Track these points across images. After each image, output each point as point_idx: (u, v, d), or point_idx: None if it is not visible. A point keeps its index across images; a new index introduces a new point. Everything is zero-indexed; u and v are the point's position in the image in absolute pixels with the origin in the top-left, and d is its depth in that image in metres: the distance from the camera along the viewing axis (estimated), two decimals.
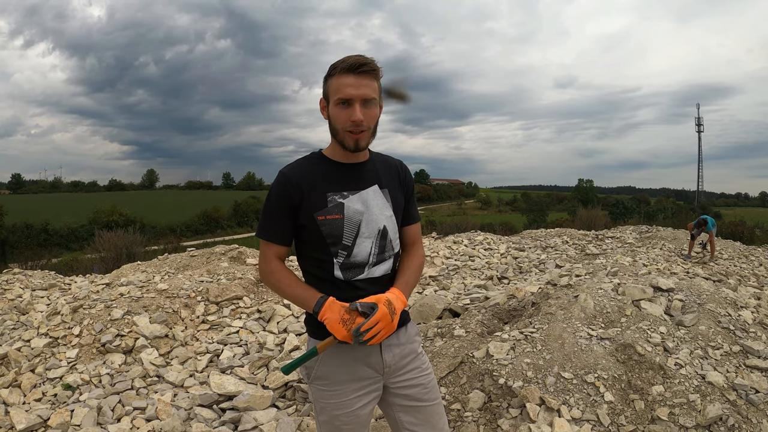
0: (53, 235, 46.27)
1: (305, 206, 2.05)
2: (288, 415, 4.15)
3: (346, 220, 2.06)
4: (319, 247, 2.08)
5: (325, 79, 2.04)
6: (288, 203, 2.05)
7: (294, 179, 2.06)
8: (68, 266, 21.21)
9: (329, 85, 2.01)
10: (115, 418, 4.24)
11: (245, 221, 61.44)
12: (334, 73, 1.99)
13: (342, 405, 2.11)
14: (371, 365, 2.12)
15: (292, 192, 2.04)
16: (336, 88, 1.98)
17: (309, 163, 2.13)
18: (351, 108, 1.97)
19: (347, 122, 1.98)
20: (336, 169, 2.11)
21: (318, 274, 2.11)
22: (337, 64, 1.99)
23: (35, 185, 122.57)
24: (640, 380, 3.80)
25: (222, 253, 9.23)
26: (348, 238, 2.07)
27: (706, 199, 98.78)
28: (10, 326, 6.27)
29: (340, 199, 2.07)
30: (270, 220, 2.11)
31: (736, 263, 10.51)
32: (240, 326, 6.01)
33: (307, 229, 2.08)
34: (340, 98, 1.97)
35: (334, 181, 2.09)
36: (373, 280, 2.11)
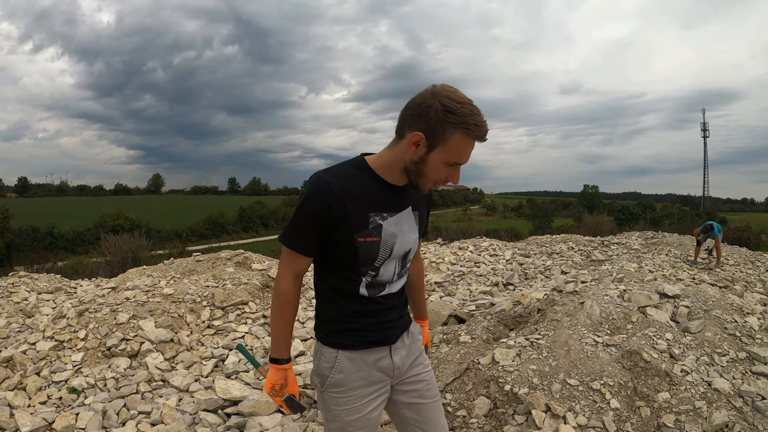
0: (59, 238, 46.48)
1: (346, 224, 1.94)
2: (293, 421, 4.14)
3: (382, 243, 2.01)
4: (350, 266, 2.03)
5: (442, 123, 1.78)
6: (325, 215, 1.91)
7: (338, 191, 1.90)
8: (74, 270, 21.28)
9: (449, 138, 1.80)
10: (120, 422, 4.24)
11: (250, 226, 61.59)
12: (461, 129, 1.79)
13: (354, 410, 2.13)
14: (383, 369, 2.15)
15: (334, 205, 1.90)
16: (458, 149, 1.82)
17: (354, 175, 1.97)
18: (455, 169, 1.89)
19: (443, 180, 1.91)
20: (382, 188, 1.98)
21: (342, 289, 2.08)
22: (468, 121, 1.78)
23: (41, 189, 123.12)
24: (646, 387, 3.79)
25: (228, 258, 9.24)
26: (380, 260, 2.04)
27: (711, 205, 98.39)
28: (15, 329, 6.28)
29: (380, 220, 1.99)
30: (300, 229, 1.97)
31: (742, 269, 10.45)
32: (245, 331, 6.01)
33: (341, 247, 1.99)
34: (456, 162, 1.86)
35: (378, 201, 1.98)
36: (392, 295, 2.14)
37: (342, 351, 2.10)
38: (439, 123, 1.77)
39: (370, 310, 2.08)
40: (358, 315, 2.09)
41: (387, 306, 2.12)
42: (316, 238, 1.97)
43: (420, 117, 1.80)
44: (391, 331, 2.16)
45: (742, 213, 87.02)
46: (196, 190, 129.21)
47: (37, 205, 76.47)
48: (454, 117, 1.76)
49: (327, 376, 2.11)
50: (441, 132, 1.78)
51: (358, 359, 2.10)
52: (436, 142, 1.80)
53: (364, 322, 2.09)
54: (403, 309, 2.24)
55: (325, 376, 2.12)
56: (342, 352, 2.10)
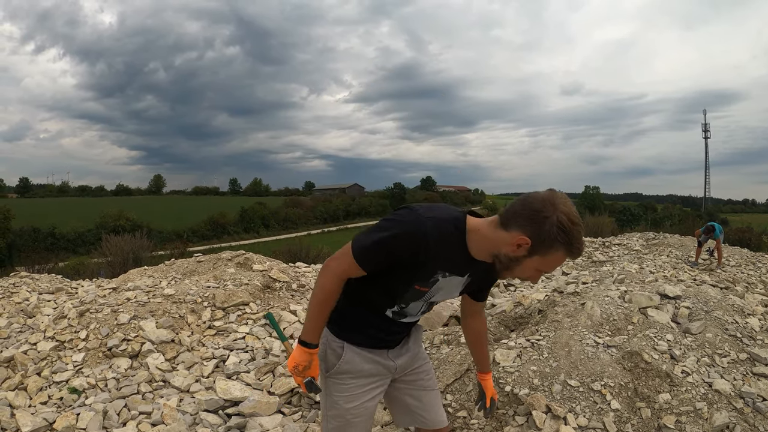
0: (60, 239, 46.51)
1: (414, 272, 2.06)
2: (294, 422, 4.15)
3: (427, 293, 2.18)
4: (390, 297, 2.20)
5: (554, 238, 1.85)
6: (404, 258, 2.00)
7: (431, 249, 1.98)
8: (75, 270, 21.26)
9: (551, 251, 1.89)
10: (120, 422, 4.25)
11: (252, 227, 61.59)
12: (564, 249, 1.88)
13: (353, 398, 2.31)
14: (386, 366, 2.37)
15: (419, 257, 2.00)
16: (554, 262, 1.92)
17: (450, 239, 2.02)
18: (539, 273, 2.00)
19: (524, 279, 2.03)
20: (463, 258, 2.07)
21: (371, 306, 2.25)
22: (575, 244, 1.88)
23: (43, 189, 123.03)
24: (647, 388, 3.79)
25: (229, 259, 9.23)
26: (417, 304, 2.26)
27: (713, 206, 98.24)
28: (16, 329, 6.28)
29: (441, 277, 2.11)
30: (377, 252, 2.02)
31: (743, 270, 10.45)
32: (246, 332, 6.01)
33: (396, 282, 2.13)
34: (546, 272, 2.00)
35: (451, 265, 2.08)
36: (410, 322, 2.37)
37: (348, 344, 2.29)
38: (549, 237, 1.85)
39: (386, 327, 2.30)
40: (374, 327, 2.29)
41: (402, 327, 2.35)
42: (383, 264, 2.05)
43: (534, 223, 1.86)
44: (394, 342, 2.39)
45: (744, 214, 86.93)
46: (197, 191, 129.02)
47: (39, 205, 76.45)
48: (565, 237, 1.84)
49: (334, 364, 2.28)
50: (548, 245, 1.87)
51: (362, 354, 2.30)
52: (538, 250, 1.89)
53: (377, 334, 2.30)
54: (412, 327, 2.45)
55: (333, 363, 2.29)
56: (348, 345, 2.29)
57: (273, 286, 7.38)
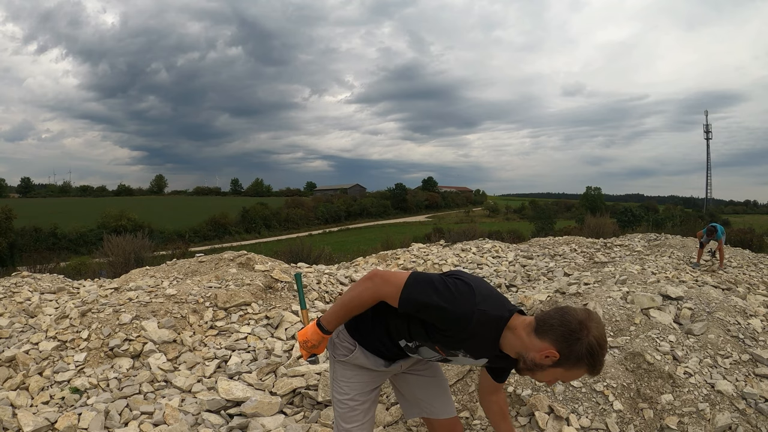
0: (62, 239, 46.49)
1: (439, 341, 2.18)
2: (296, 422, 4.14)
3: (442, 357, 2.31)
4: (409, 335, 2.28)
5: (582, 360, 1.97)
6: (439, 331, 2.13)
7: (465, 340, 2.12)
8: (76, 270, 21.27)
9: (577, 368, 2.00)
10: (122, 423, 4.25)
11: (253, 227, 61.59)
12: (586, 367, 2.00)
13: (359, 386, 2.47)
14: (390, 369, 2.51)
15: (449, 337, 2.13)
16: (574, 376, 2.05)
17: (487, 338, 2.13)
18: (555, 380, 2.11)
19: (544, 380, 2.11)
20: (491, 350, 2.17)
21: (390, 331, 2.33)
22: (597, 365, 1.99)
23: (44, 189, 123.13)
24: (649, 389, 3.78)
25: (230, 259, 9.23)
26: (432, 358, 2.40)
27: (714, 207, 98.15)
28: (18, 329, 6.29)
29: (461, 354, 2.22)
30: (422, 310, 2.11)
31: (745, 271, 10.43)
32: (248, 332, 6.01)
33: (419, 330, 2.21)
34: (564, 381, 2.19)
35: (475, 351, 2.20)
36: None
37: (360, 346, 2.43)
38: (578, 357, 1.97)
39: (397, 351, 2.40)
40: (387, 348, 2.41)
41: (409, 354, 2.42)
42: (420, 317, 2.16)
43: (566, 341, 1.97)
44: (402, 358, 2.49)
45: (745, 215, 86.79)
46: (198, 191, 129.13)
47: (40, 205, 76.55)
48: (591, 359, 1.97)
49: (345, 356, 2.44)
50: (573, 362, 1.99)
51: (370, 356, 2.45)
52: (563, 365, 2.00)
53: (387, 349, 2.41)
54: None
55: (342, 354, 2.46)
56: (360, 347, 2.43)
57: (275, 286, 7.37)
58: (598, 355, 1.96)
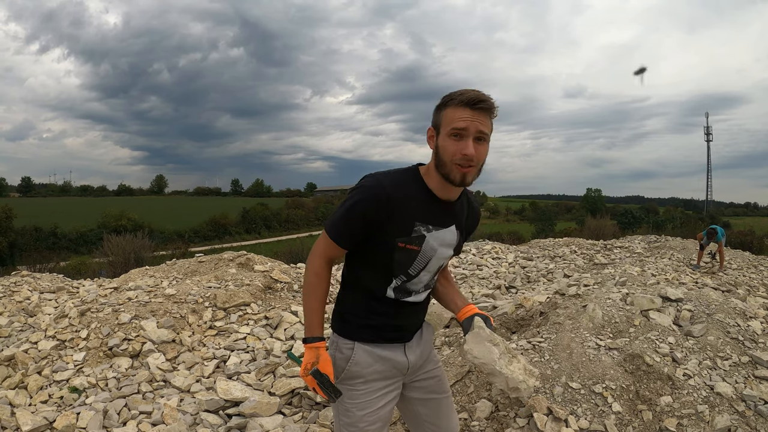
0: (62, 238, 46.48)
1: (390, 229, 2.01)
2: (294, 422, 4.14)
3: (421, 254, 2.08)
4: (384, 268, 2.09)
5: (438, 109, 1.98)
6: (373, 216, 1.99)
7: (391, 195, 1.98)
8: (76, 270, 21.30)
9: (442, 115, 1.95)
10: (121, 422, 4.25)
11: (253, 228, 61.56)
12: (449, 104, 1.94)
13: (367, 405, 2.16)
14: (397, 366, 2.21)
15: (383, 209, 1.98)
16: (450, 118, 1.92)
17: (407, 183, 2.04)
18: (464, 141, 1.92)
19: (457, 155, 1.92)
20: (430, 200, 2.05)
21: (370, 288, 2.15)
22: (455, 95, 1.93)
23: (45, 189, 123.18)
24: (649, 391, 3.78)
25: (230, 260, 9.23)
26: (415, 269, 2.11)
27: (715, 209, 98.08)
28: (17, 328, 6.29)
29: (424, 231, 2.05)
30: (346, 224, 2.04)
31: (745, 273, 10.44)
32: (247, 332, 6.01)
33: (380, 247, 2.06)
34: (454, 128, 1.91)
35: (425, 212, 2.04)
36: (417, 302, 2.21)
37: (358, 343, 2.16)
38: (437, 110, 1.99)
39: (392, 312, 2.16)
40: (380, 315, 2.15)
41: (409, 311, 2.19)
42: (358, 235, 2.05)
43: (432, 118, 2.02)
44: (408, 332, 2.23)
45: (746, 217, 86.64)
46: (198, 192, 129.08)
47: (41, 205, 76.55)
48: (445, 98, 1.96)
49: (343, 368, 2.15)
50: (440, 116, 1.97)
51: (373, 353, 2.16)
52: (438, 126, 1.98)
53: (384, 321, 2.16)
54: (423, 314, 2.32)
55: (341, 368, 2.16)
56: (358, 345, 2.16)
57: (274, 286, 7.37)
58: (450, 93, 1.95)
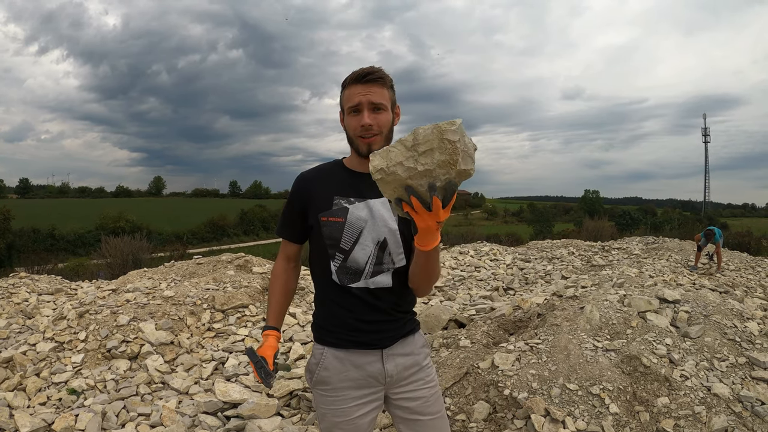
0: (60, 240, 46.39)
1: (312, 206, 2.14)
2: (292, 424, 4.15)
3: (347, 225, 2.08)
4: (320, 248, 2.14)
5: (341, 92, 2.12)
6: (298, 203, 2.18)
7: (307, 178, 2.20)
8: (74, 271, 21.25)
9: (342, 96, 2.11)
10: (119, 424, 4.25)
11: (251, 229, 61.49)
12: (345, 85, 2.09)
13: (341, 412, 2.11)
14: (372, 374, 2.11)
15: (303, 192, 2.17)
16: (347, 97, 2.08)
17: (326, 167, 2.24)
18: (360, 114, 2.05)
19: (358, 128, 2.06)
20: (349, 176, 2.16)
21: (319, 274, 2.19)
22: (348, 76, 2.09)
23: (43, 190, 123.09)
24: (646, 392, 3.79)
25: (228, 261, 9.24)
26: (346, 243, 2.08)
27: (712, 210, 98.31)
28: (16, 330, 6.28)
29: (346, 203, 2.10)
30: (283, 217, 2.26)
31: (742, 274, 10.45)
32: (245, 334, 6.01)
33: (312, 230, 2.17)
34: (350, 106, 2.06)
35: (344, 186, 2.14)
36: (371, 291, 2.09)
37: (328, 348, 2.13)
38: (340, 96, 2.13)
39: (347, 302, 2.09)
40: (338, 306, 2.11)
41: (366, 301, 2.09)
42: (295, 224, 2.22)
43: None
44: (381, 334, 2.11)
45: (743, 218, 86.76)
46: (197, 193, 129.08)
47: (39, 206, 76.48)
48: (342, 82, 2.11)
49: (314, 372, 2.15)
50: (341, 99, 2.13)
51: (345, 359, 2.10)
52: (342, 108, 2.13)
53: (344, 317, 2.10)
54: (398, 314, 2.16)
55: (312, 372, 2.16)
56: (328, 350, 2.13)
57: None
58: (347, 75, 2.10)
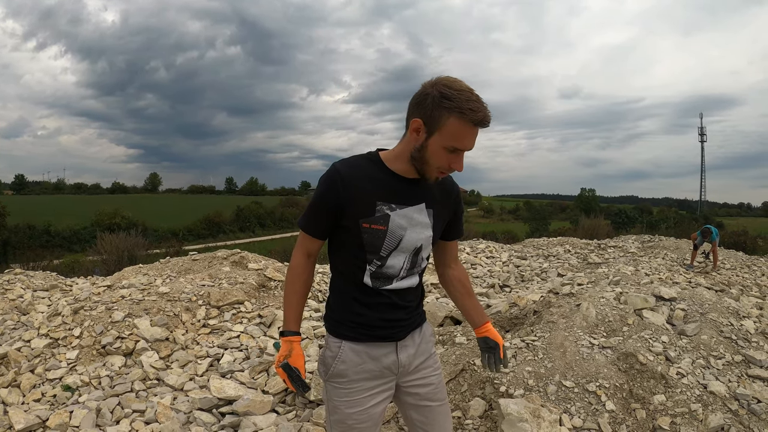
0: (55, 236, 46.26)
1: (352, 209, 2.02)
2: (288, 421, 4.13)
3: (389, 233, 2.05)
4: (356, 252, 2.08)
5: (438, 108, 1.85)
6: (334, 201, 2.02)
7: (347, 178, 2.01)
8: (70, 268, 21.21)
9: (445, 122, 1.85)
10: (114, 421, 4.23)
11: (247, 226, 61.41)
12: (456, 114, 1.83)
13: (355, 403, 2.14)
14: (387, 365, 2.16)
15: (342, 191, 2.00)
16: (454, 134, 1.86)
17: (366, 165, 2.06)
18: (457, 156, 1.92)
19: (446, 166, 1.94)
20: (390, 180, 2.05)
21: (348, 275, 2.13)
22: (464, 106, 1.83)
23: (38, 186, 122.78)
24: (642, 389, 3.79)
25: (224, 258, 9.21)
26: (386, 251, 2.07)
27: (708, 209, 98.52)
28: (10, 326, 6.26)
29: (388, 210, 2.04)
30: (313, 213, 2.10)
31: (738, 273, 10.46)
32: (241, 331, 5.99)
33: (348, 232, 2.06)
34: (455, 147, 1.89)
35: (386, 191, 2.04)
36: (398, 291, 2.14)
37: (345, 342, 2.14)
38: (435, 108, 1.85)
39: (374, 303, 2.11)
40: (362, 306, 2.12)
41: (393, 302, 2.13)
42: (325, 222, 2.08)
43: (419, 105, 1.89)
44: (398, 329, 2.16)
45: (739, 217, 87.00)
46: (193, 190, 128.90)
47: (34, 202, 76.20)
48: (449, 102, 1.82)
49: (330, 366, 2.15)
50: (437, 117, 1.85)
51: (361, 352, 2.13)
52: (434, 127, 1.87)
53: (368, 316, 2.12)
54: (415, 310, 2.25)
55: (329, 365, 2.15)
56: (345, 343, 2.14)
57: (268, 285, 7.36)
58: (454, 96, 1.82)
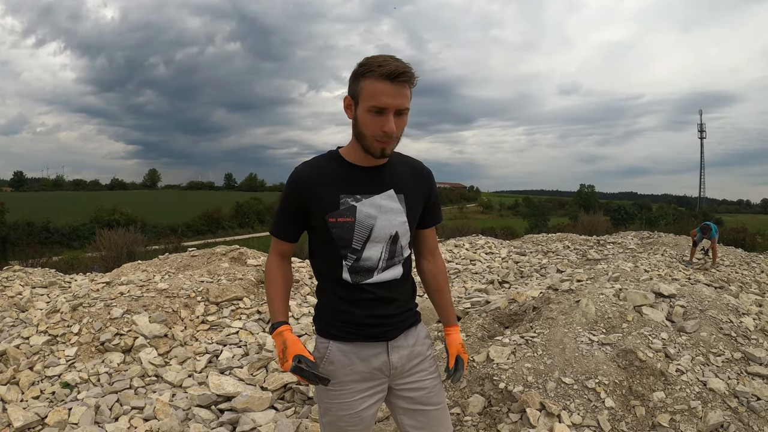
0: (54, 233, 46.28)
1: (316, 207, 2.00)
2: (287, 417, 4.13)
3: (357, 224, 2.01)
4: (329, 248, 2.05)
5: (356, 77, 1.89)
6: (297, 202, 2.02)
7: (306, 178, 2.01)
8: (69, 265, 21.21)
9: (362, 87, 1.87)
10: (112, 417, 4.22)
11: (246, 222, 61.47)
12: (368, 75, 1.85)
13: (347, 405, 2.09)
14: (378, 366, 2.10)
15: (303, 190, 2.00)
16: (370, 93, 1.85)
17: (324, 163, 2.06)
18: (384, 117, 1.87)
19: (378, 131, 1.88)
20: (351, 171, 2.03)
21: (327, 274, 2.10)
22: (373, 65, 1.84)
23: (37, 183, 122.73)
24: (641, 386, 3.79)
25: (223, 254, 9.20)
26: (358, 242, 2.03)
27: (707, 206, 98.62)
28: (9, 323, 6.25)
29: (353, 202, 2.00)
30: (279, 217, 2.12)
31: (737, 270, 10.48)
32: (240, 327, 5.98)
33: (318, 230, 2.05)
34: (374, 106, 1.85)
35: (348, 183, 2.02)
36: (382, 284, 2.08)
37: (333, 342, 2.09)
38: (354, 80, 1.91)
39: (357, 299, 2.06)
40: (346, 303, 2.07)
41: (378, 296, 2.07)
42: (292, 224, 2.11)
43: (348, 86, 1.95)
44: (388, 327, 2.10)
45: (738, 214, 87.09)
46: (192, 186, 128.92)
47: (33, 199, 76.23)
48: (362, 68, 1.87)
49: (318, 367, 2.07)
50: (357, 86, 1.89)
51: (350, 352, 2.08)
52: (357, 97, 1.90)
53: (354, 313, 2.06)
54: (405, 305, 2.18)
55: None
56: (333, 343, 2.09)
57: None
58: (367, 62, 1.86)
